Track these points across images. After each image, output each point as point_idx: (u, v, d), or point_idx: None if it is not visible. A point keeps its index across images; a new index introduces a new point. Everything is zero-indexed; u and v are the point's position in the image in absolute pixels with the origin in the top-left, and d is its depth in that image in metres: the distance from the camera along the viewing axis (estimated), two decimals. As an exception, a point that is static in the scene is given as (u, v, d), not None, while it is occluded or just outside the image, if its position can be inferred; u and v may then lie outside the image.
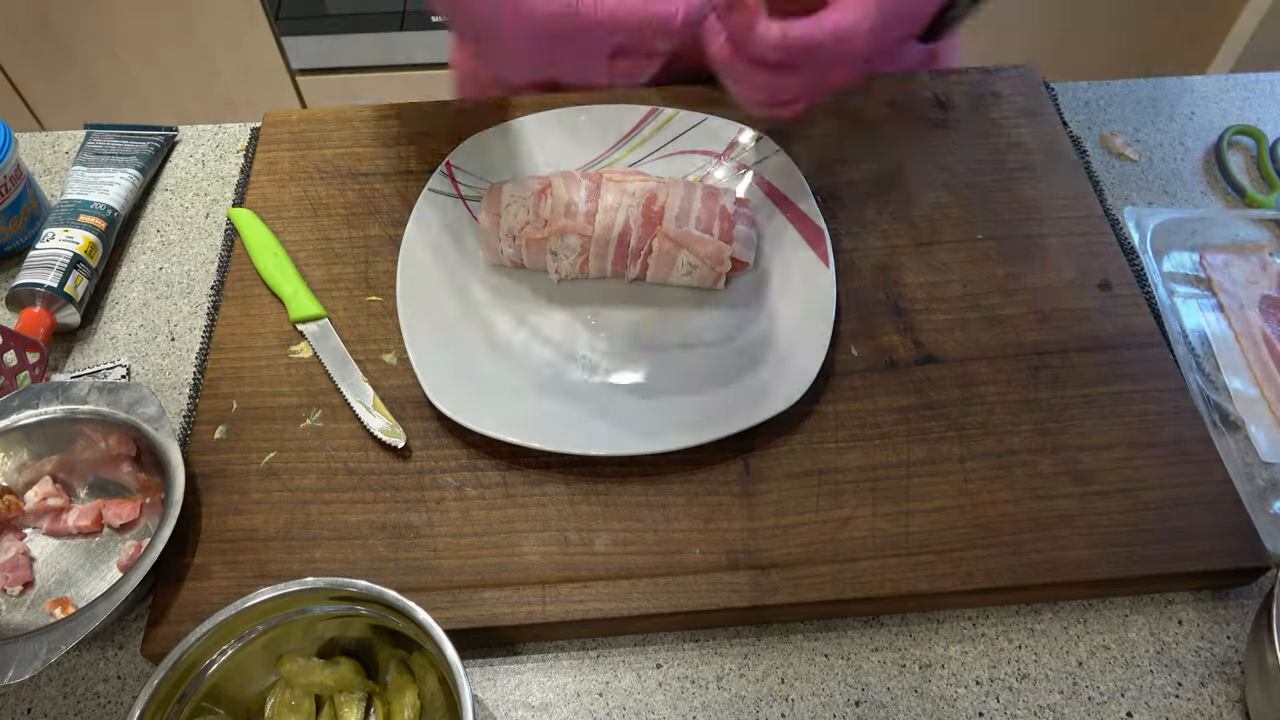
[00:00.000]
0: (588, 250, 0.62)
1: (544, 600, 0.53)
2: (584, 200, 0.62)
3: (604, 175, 0.63)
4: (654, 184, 0.63)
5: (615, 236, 0.61)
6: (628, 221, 0.61)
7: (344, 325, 0.64)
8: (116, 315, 0.68)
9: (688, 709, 0.52)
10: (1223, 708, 0.51)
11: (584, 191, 0.62)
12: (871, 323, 0.64)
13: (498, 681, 0.53)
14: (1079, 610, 0.55)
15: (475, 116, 0.74)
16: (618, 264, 0.63)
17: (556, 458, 0.57)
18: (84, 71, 1.73)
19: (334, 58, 1.74)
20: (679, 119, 0.72)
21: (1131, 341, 0.62)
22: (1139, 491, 0.56)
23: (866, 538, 0.54)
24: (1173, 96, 0.80)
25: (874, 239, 0.68)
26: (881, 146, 0.73)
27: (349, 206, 0.70)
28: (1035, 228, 0.68)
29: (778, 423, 0.58)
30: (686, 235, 0.61)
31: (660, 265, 0.63)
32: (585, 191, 0.62)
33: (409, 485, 0.57)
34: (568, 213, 0.61)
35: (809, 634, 0.54)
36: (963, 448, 0.58)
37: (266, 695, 0.50)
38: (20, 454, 0.57)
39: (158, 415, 0.56)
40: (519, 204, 0.62)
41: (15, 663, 0.47)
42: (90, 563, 0.56)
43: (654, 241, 0.61)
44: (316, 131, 0.75)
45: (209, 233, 0.73)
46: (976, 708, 0.51)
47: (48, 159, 0.79)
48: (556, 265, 0.63)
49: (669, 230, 0.61)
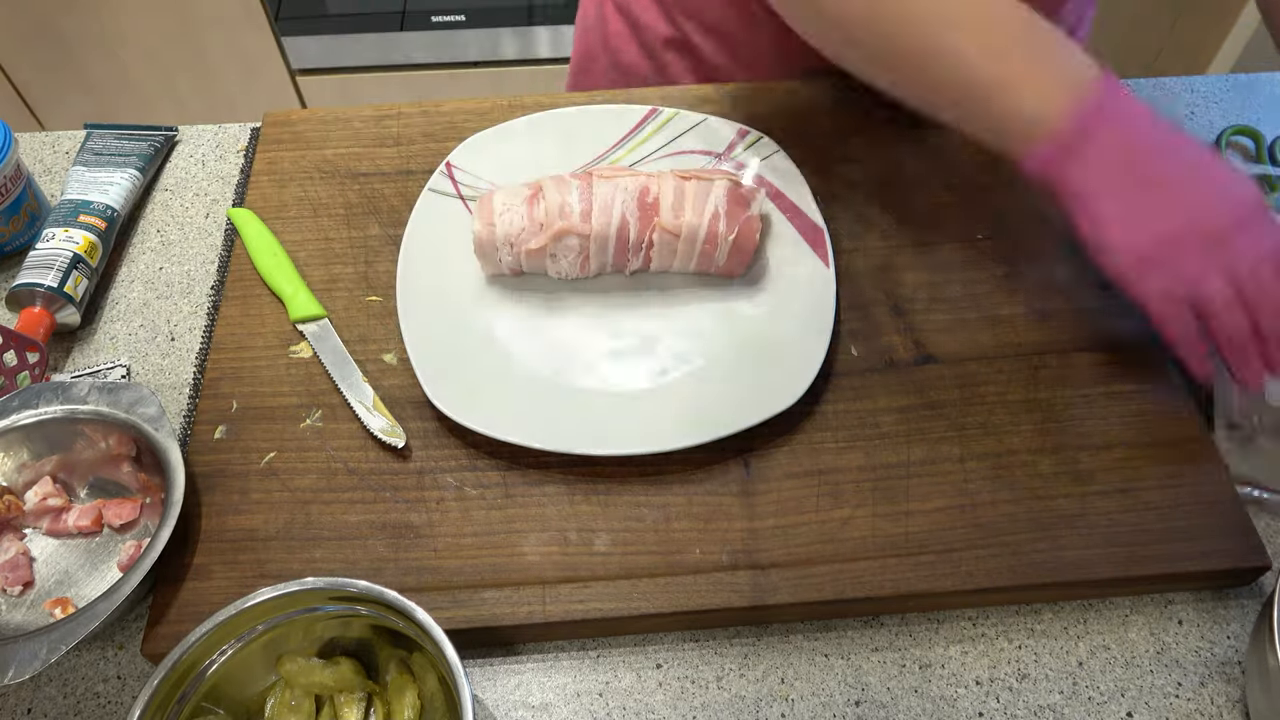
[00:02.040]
0: (587, 249, 0.62)
1: (544, 600, 0.53)
2: (577, 200, 0.62)
3: (594, 173, 0.63)
4: (644, 177, 0.63)
5: (614, 232, 0.61)
6: (624, 215, 0.61)
7: (344, 325, 0.64)
8: (116, 315, 0.68)
9: (688, 709, 0.52)
10: (1223, 708, 0.51)
11: (576, 192, 0.62)
12: (871, 323, 0.64)
13: (498, 681, 0.53)
14: (1079, 610, 0.55)
15: (475, 117, 0.74)
16: (619, 258, 0.63)
17: (556, 458, 0.57)
18: (84, 71, 1.73)
19: (334, 58, 1.74)
20: (679, 119, 0.72)
21: (1131, 341, 0.62)
22: (1139, 491, 0.56)
23: (866, 538, 0.54)
24: (1173, 96, 0.80)
25: (874, 239, 0.68)
26: (881, 146, 0.73)
27: (349, 206, 0.70)
28: (1035, 227, 0.68)
29: (778, 423, 0.58)
30: (685, 224, 0.61)
31: (662, 255, 0.63)
32: (577, 191, 0.62)
33: (409, 485, 0.57)
34: (563, 214, 0.61)
35: (809, 634, 0.54)
36: (963, 448, 0.58)
37: (266, 695, 0.50)
38: (20, 454, 0.57)
39: (158, 415, 0.56)
40: (512, 211, 0.62)
41: (15, 663, 0.47)
42: (90, 563, 0.56)
43: (653, 234, 0.61)
44: (316, 131, 0.75)
45: (209, 233, 0.73)
46: (976, 708, 0.51)
47: (48, 159, 0.79)
48: (556, 268, 0.63)
49: (666, 222, 0.61)
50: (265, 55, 1.73)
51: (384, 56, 1.74)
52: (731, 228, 0.61)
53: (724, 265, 0.63)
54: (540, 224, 0.61)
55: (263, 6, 1.65)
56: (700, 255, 0.62)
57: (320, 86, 1.80)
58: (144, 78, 1.76)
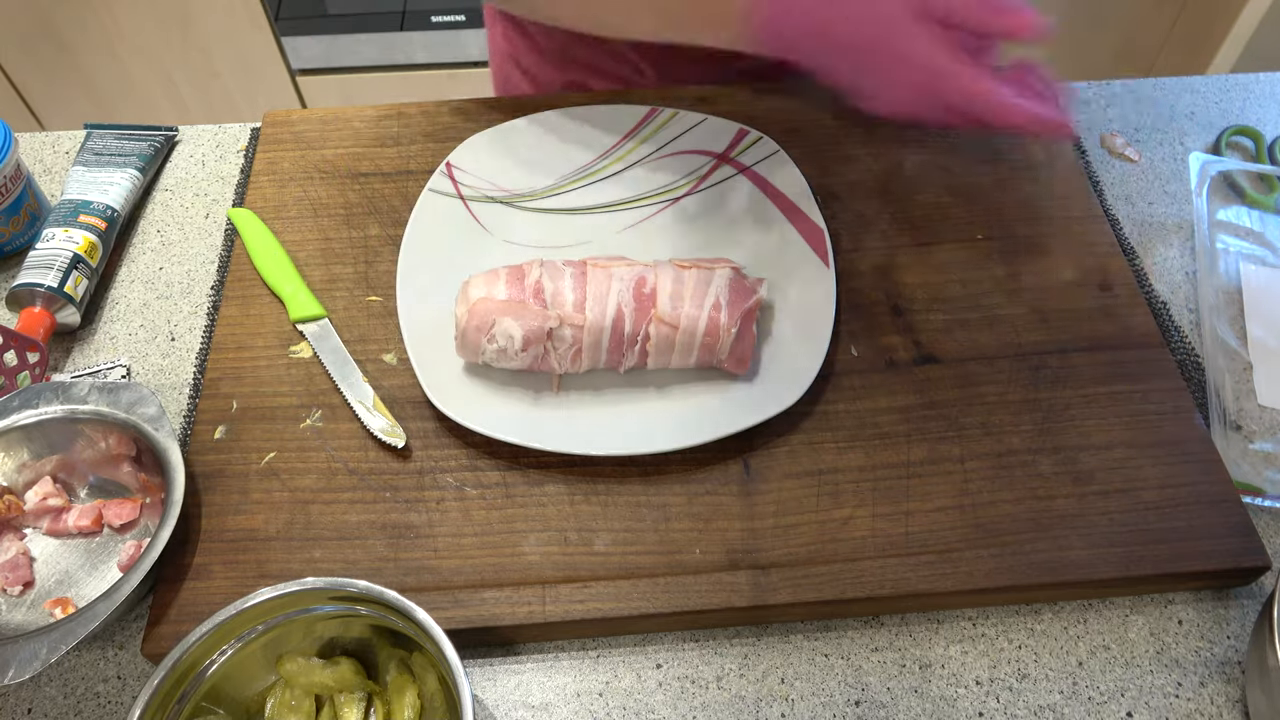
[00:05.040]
0: (580, 341, 0.57)
1: (544, 600, 0.53)
2: (570, 288, 0.58)
3: (589, 262, 0.59)
4: (640, 267, 0.59)
5: (609, 324, 0.57)
6: (620, 306, 0.57)
7: (344, 325, 0.64)
8: (116, 315, 0.68)
9: (688, 709, 0.52)
10: (1223, 708, 0.51)
11: (569, 279, 0.58)
12: (871, 323, 0.64)
13: (498, 681, 0.53)
14: (1079, 610, 0.55)
15: (475, 116, 0.74)
16: (614, 353, 0.58)
17: (556, 458, 0.57)
18: (84, 71, 1.73)
19: (334, 58, 1.74)
20: (679, 119, 0.72)
21: (1131, 341, 0.62)
22: (1139, 491, 0.56)
23: (866, 538, 0.54)
24: (1173, 96, 0.80)
25: (874, 239, 0.68)
26: (881, 146, 0.73)
27: (349, 206, 0.70)
28: (1035, 228, 0.68)
29: (778, 423, 0.58)
30: (683, 317, 0.57)
31: (660, 352, 0.58)
32: (571, 279, 0.58)
33: (409, 485, 0.57)
34: (555, 302, 0.57)
35: (809, 634, 0.54)
36: (963, 448, 0.58)
37: (266, 695, 0.50)
38: (20, 454, 0.57)
39: (158, 415, 0.56)
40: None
41: (15, 663, 0.47)
42: (90, 563, 0.56)
43: (649, 327, 0.57)
44: (316, 131, 0.75)
45: (209, 233, 0.73)
46: (976, 708, 0.51)
47: (48, 159, 0.79)
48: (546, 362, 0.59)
49: (664, 314, 0.57)
50: (265, 55, 1.73)
51: (384, 56, 1.74)
52: (734, 318, 0.57)
53: (726, 361, 0.59)
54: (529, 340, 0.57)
55: (263, 6, 1.65)
56: (701, 349, 0.58)
57: (320, 86, 1.80)
58: (144, 78, 1.76)
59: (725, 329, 0.57)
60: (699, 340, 0.57)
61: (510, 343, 0.56)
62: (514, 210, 0.69)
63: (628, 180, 0.70)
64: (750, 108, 0.75)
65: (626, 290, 0.57)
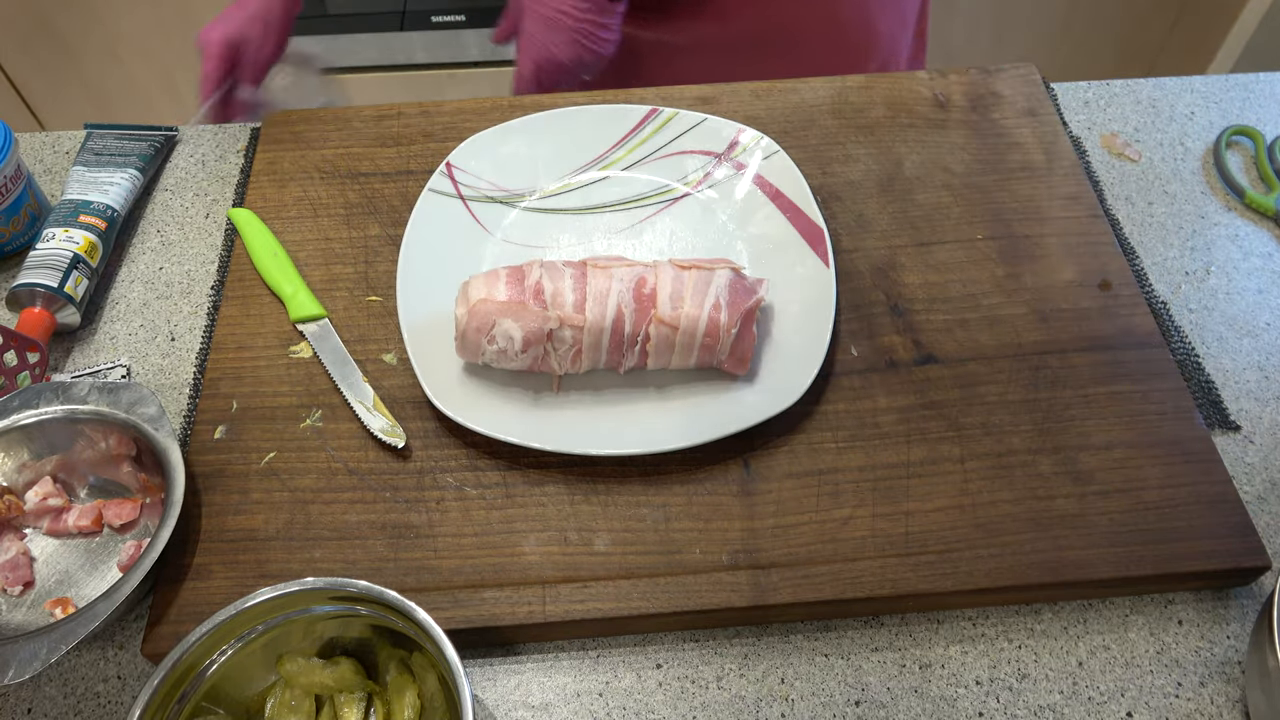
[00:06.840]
0: (580, 342, 0.57)
1: (544, 600, 0.53)
2: (570, 289, 0.57)
3: (589, 263, 0.59)
4: (640, 268, 0.58)
5: (609, 324, 0.57)
6: (620, 307, 0.57)
7: (344, 325, 0.64)
8: (116, 315, 0.68)
9: (688, 709, 0.52)
10: (1223, 708, 0.51)
11: (569, 280, 0.58)
12: (871, 323, 0.64)
13: (498, 681, 0.53)
14: (1079, 610, 0.55)
15: (475, 117, 0.74)
16: (614, 353, 0.58)
17: (556, 458, 0.57)
18: (84, 71, 1.73)
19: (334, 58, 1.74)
20: (679, 119, 0.72)
21: (1131, 341, 0.62)
22: (1139, 491, 0.56)
23: (866, 538, 0.54)
24: (1173, 96, 0.80)
25: (874, 239, 0.68)
26: (881, 146, 0.73)
27: (349, 206, 0.70)
28: (1035, 228, 0.68)
29: (778, 423, 0.58)
30: (683, 317, 0.57)
31: (660, 352, 0.58)
32: (571, 280, 0.58)
33: (409, 485, 0.57)
34: (555, 303, 0.57)
35: (809, 634, 0.54)
36: (963, 448, 0.58)
37: (266, 695, 0.50)
38: (20, 454, 0.57)
39: (158, 415, 0.56)
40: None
41: (15, 663, 0.47)
42: (90, 563, 0.56)
43: (649, 327, 0.57)
44: (316, 131, 0.75)
45: (209, 233, 0.73)
46: (976, 708, 0.51)
47: (48, 159, 0.79)
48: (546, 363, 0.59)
49: (664, 314, 0.57)
50: (265, 55, 1.73)
51: (384, 56, 1.74)
52: (734, 319, 0.57)
53: (726, 361, 0.59)
54: (529, 341, 0.57)
55: (263, 6, 1.64)
56: (701, 349, 0.58)
57: (320, 86, 1.80)
58: (144, 78, 1.76)
59: (725, 329, 0.57)
60: (699, 341, 0.57)
61: (510, 343, 0.56)
62: (514, 210, 0.69)
63: (628, 180, 0.70)
64: (750, 108, 0.75)
65: (626, 291, 0.57)
